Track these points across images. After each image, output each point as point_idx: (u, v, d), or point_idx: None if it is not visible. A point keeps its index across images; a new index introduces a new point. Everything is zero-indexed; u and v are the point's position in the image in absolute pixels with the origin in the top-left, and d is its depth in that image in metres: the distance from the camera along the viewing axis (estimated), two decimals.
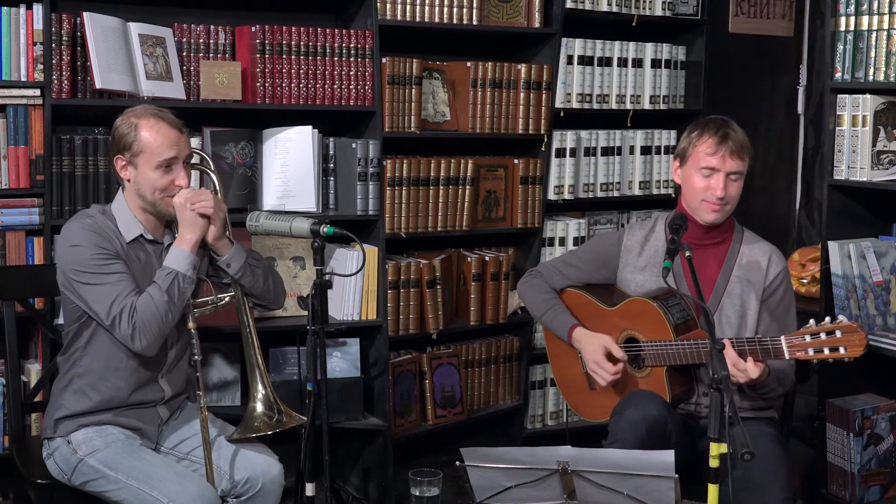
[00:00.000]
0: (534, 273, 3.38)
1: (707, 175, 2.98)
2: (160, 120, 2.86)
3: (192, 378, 2.98)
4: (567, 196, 4.21)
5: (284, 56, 3.62)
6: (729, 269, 3.07)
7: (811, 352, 2.77)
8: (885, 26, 3.52)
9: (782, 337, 2.81)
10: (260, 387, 2.95)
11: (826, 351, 2.75)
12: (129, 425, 2.89)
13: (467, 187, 3.95)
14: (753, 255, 3.08)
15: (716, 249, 3.09)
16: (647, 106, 4.37)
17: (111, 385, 2.86)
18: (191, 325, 2.89)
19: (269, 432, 2.90)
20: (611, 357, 3.07)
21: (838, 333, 2.75)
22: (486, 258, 4.05)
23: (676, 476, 2.46)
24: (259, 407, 2.94)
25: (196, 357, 2.88)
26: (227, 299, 3.03)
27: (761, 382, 2.88)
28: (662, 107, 4.41)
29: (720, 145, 2.97)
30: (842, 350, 2.74)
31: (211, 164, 3.16)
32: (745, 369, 2.79)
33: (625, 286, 3.19)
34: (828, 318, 2.79)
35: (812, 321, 2.80)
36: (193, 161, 3.02)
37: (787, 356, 2.80)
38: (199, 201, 2.85)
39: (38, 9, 3.26)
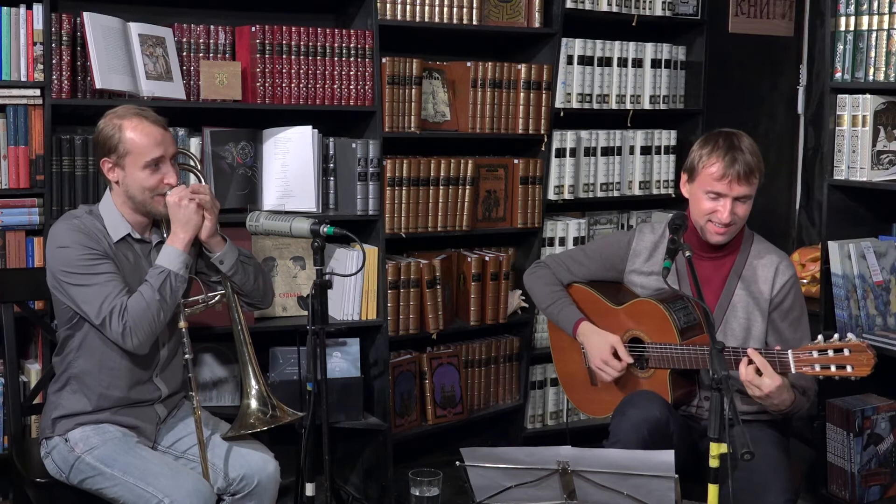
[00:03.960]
0: (541, 264, 3.36)
1: (714, 198, 2.93)
2: (143, 119, 2.84)
3: (185, 377, 2.98)
4: (567, 196, 4.21)
5: (284, 56, 3.62)
6: (734, 283, 3.02)
7: (818, 367, 2.72)
8: (885, 26, 3.52)
9: (790, 351, 2.76)
10: (253, 382, 2.95)
11: (833, 368, 2.71)
12: (126, 424, 2.89)
13: (467, 187, 3.95)
14: (761, 267, 3.01)
15: (722, 261, 3.04)
16: (647, 106, 4.37)
17: (107, 385, 2.86)
18: (182, 324, 2.89)
19: (264, 428, 2.90)
20: (617, 356, 3.06)
21: (846, 352, 2.69)
22: (486, 258, 4.05)
23: (676, 476, 2.46)
24: (253, 403, 2.94)
25: (187, 356, 2.88)
26: (217, 298, 3.03)
27: (791, 402, 2.84)
28: (662, 107, 4.40)
29: (728, 169, 2.88)
30: (849, 369, 2.69)
31: (197, 163, 3.16)
32: (760, 385, 2.74)
33: (631, 287, 3.18)
34: (836, 336, 2.73)
35: (820, 337, 2.74)
36: (181, 161, 3.03)
37: (793, 370, 2.75)
38: (198, 193, 2.86)
39: (38, 9, 3.26)
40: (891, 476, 3.68)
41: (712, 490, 2.39)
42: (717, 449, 2.37)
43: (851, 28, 3.61)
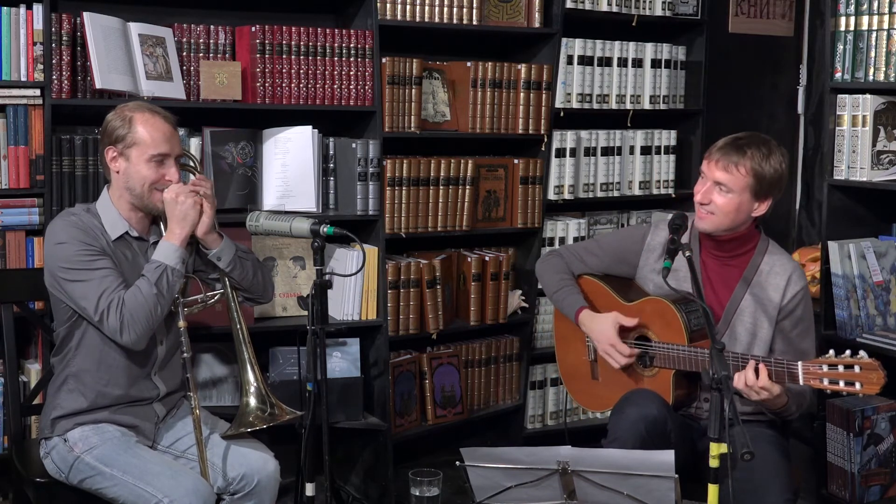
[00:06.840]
0: (555, 253, 3.36)
1: (702, 181, 2.96)
2: (155, 114, 2.88)
3: (184, 376, 2.98)
4: (567, 196, 4.21)
5: (284, 56, 3.62)
6: (744, 287, 2.99)
7: (826, 381, 2.70)
8: (885, 26, 3.52)
9: (799, 362, 2.74)
10: (252, 380, 2.95)
11: (841, 384, 2.68)
12: (125, 423, 2.89)
13: (467, 187, 3.95)
14: (773, 274, 2.99)
15: (734, 262, 3.02)
16: (647, 106, 4.36)
17: (105, 383, 2.87)
18: (181, 323, 2.89)
19: (263, 426, 2.90)
20: (623, 332, 3.04)
21: (857, 369, 2.66)
22: (486, 258, 4.05)
23: (676, 476, 2.46)
24: (252, 401, 2.94)
25: (185, 355, 2.88)
26: (217, 297, 3.03)
27: (782, 406, 2.85)
28: (662, 107, 4.40)
29: (716, 151, 2.92)
30: (857, 386, 2.66)
31: (197, 164, 3.17)
32: (760, 390, 2.74)
33: (643, 284, 3.16)
34: (848, 352, 2.70)
35: (832, 351, 2.72)
36: (181, 161, 3.03)
37: (801, 382, 2.74)
38: (199, 185, 2.88)
39: (38, 9, 3.26)
40: (891, 476, 3.68)
41: (712, 490, 2.39)
42: (717, 449, 2.37)
43: (851, 28, 3.61)
